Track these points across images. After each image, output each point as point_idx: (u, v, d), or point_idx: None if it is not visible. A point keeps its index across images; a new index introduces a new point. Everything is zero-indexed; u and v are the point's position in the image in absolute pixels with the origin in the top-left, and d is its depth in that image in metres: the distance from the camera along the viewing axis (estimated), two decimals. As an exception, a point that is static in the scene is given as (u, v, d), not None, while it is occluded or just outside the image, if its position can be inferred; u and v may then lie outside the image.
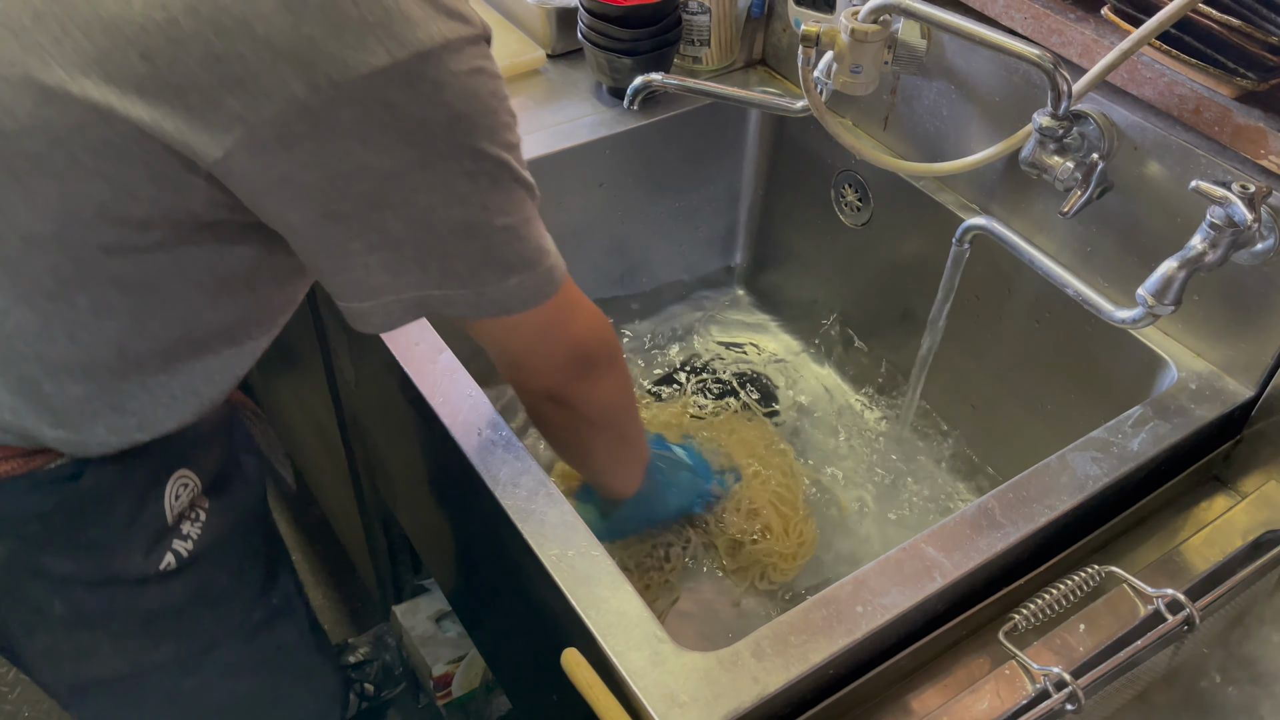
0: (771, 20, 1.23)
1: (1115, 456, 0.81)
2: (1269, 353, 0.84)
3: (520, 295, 0.67)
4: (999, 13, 0.93)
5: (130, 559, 0.77)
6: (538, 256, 0.67)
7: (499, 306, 0.67)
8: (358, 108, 0.55)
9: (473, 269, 0.64)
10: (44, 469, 0.72)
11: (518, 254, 0.65)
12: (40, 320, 0.64)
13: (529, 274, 0.66)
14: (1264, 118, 0.78)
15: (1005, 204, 1.02)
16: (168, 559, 0.79)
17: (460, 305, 0.66)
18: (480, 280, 0.65)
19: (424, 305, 0.66)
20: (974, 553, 0.74)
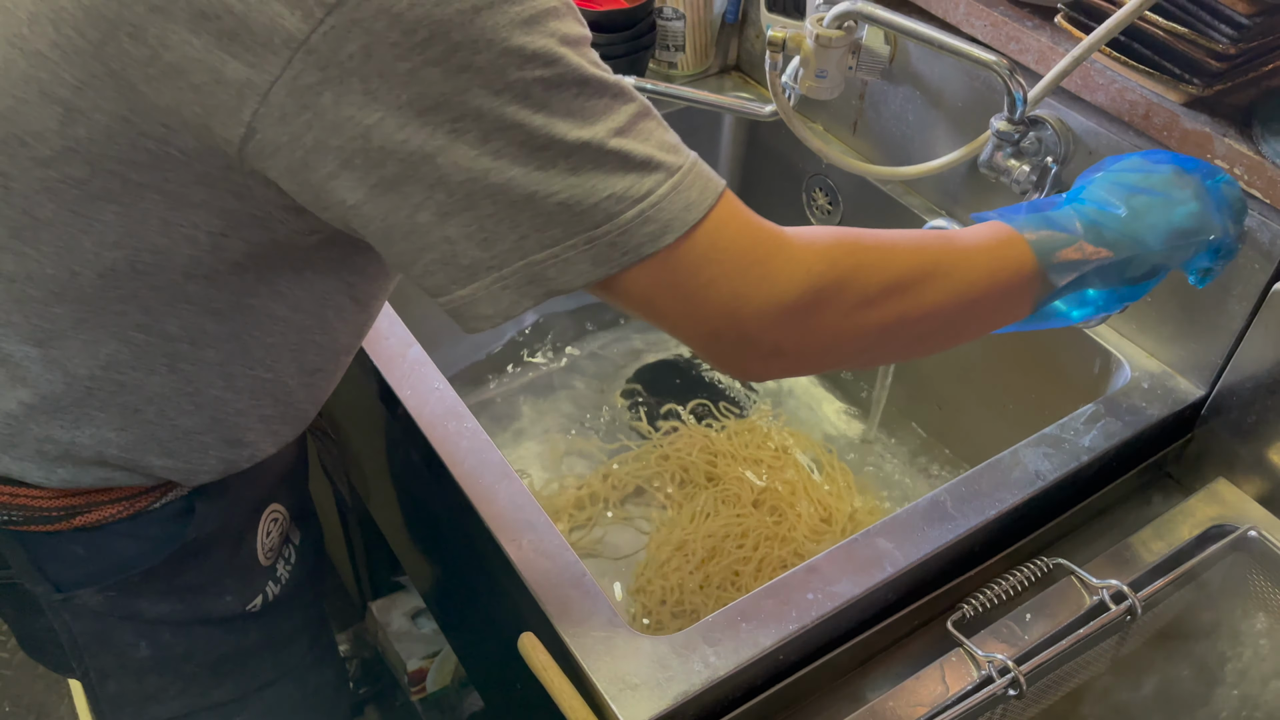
0: (745, 26, 1.25)
1: (1066, 452, 0.83)
2: (1219, 353, 0.86)
3: (644, 231, 0.52)
4: (960, 20, 0.95)
5: (222, 600, 0.77)
6: (645, 174, 0.52)
7: (624, 251, 0.52)
8: (360, 31, 0.47)
9: (566, 208, 0.51)
10: (150, 510, 0.70)
11: (618, 174, 0.51)
12: (133, 352, 0.62)
13: (645, 200, 0.52)
14: (1210, 123, 0.80)
15: (969, 207, 1.04)
16: (257, 600, 0.78)
17: (580, 264, 0.53)
18: (583, 221, 0.52)
19: (540, 281, 0.53)
20: (924, 543, 0.76)
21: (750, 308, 0.56)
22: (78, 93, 0.52)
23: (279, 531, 0.80)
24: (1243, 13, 0.76)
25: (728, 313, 0.56)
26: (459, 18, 0.48)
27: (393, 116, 0.49)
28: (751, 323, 0.56)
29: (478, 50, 0.48)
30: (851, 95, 1.12)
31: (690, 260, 0.54)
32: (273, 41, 0.47)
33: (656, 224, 0.53)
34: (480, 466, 0.79)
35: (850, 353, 0.62)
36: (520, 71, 0.49)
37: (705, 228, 0.54)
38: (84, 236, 0.57)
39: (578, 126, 0.51)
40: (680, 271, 0.54)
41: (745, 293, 0.55)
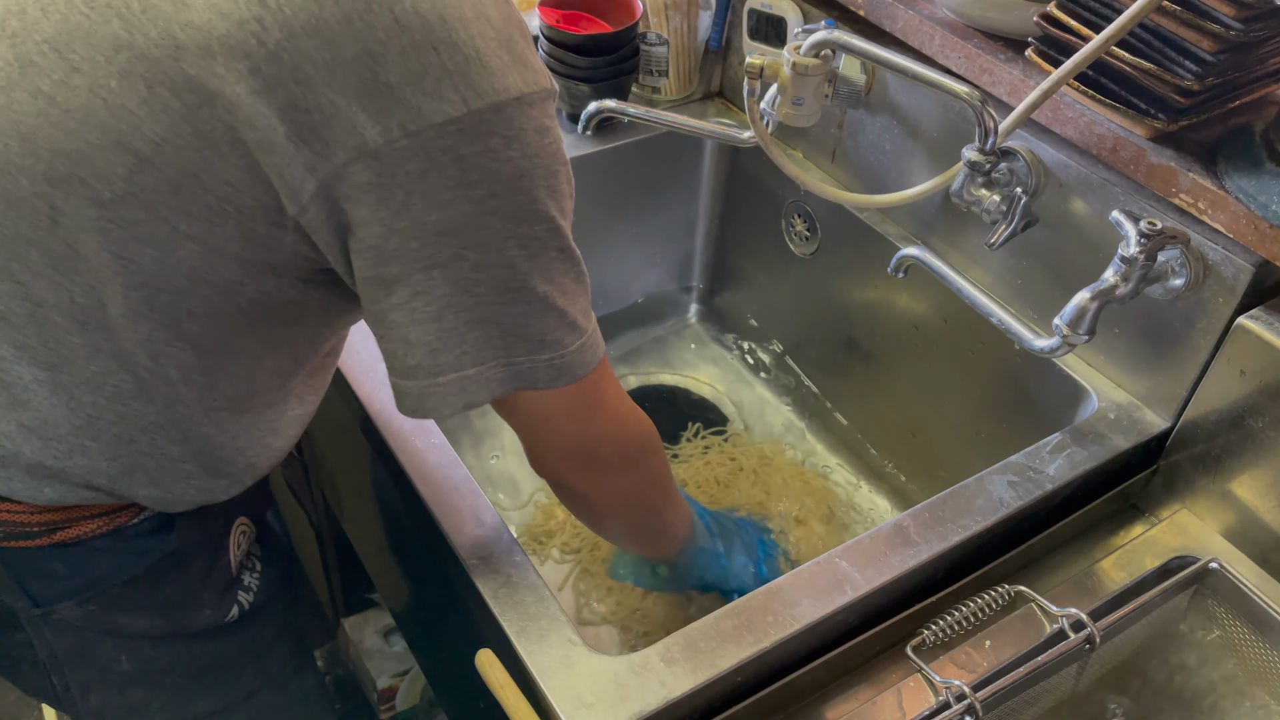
0: (729, 54, 1.26)
1: (1031, 481, 0.84)
2: (1184, 386, 0.87)
3: (546, 373, 0.64)
4: (935, 51, 0.96)
5: (200, 613, 0.78)
6: (569, 335, 0.64)
7: (523, 380, 0.64)
8: (425, 158, 0.54)
9: (507, 337, 0.62)
10: (129, 525, 0.72)
11: (552, 328, 0.63)
12: (136, 384, 0.64)
13: (558, 352, 0.64)
14: (1175, 158, 0.81)
15: (943, 236, 1.05)
16: (233, 611, 0.80)
17: (494, 386, 0.63)
18: (509, 349, 0.62)
19: (464, 393, 0.63)
20: (886, 568, 0.76)
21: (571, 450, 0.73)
22: (156, 148, 0.55)
23: (246, 543, 0.81)
24: (1207, 50, 0.77)
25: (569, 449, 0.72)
26: (507, 175, 0.57)
27: (415, 228, 0.57)
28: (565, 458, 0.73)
29: (508, 203, 0.58)
30: (830, 123, 1.13)
31: (556, 405, 0.67)
32: (346, 144, 0.54)
33: (556, 372, 0.64)
34: (446, 482, 0.80)
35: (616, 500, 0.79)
36: (529, 229, 0.59)
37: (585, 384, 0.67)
38: (118, 276, 0.60)
39: (545, 281, 0.61)
40: (545, 409, 0.68)
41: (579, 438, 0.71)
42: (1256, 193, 0.76)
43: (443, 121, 0.54)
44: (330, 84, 0.53)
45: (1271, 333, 0.78)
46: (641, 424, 0.76)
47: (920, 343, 1.10)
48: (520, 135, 0.57)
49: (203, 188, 0.56)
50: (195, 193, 0.56)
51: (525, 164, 0.57)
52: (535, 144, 0.58)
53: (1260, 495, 0.82)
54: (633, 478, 0.78)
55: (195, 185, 0.56)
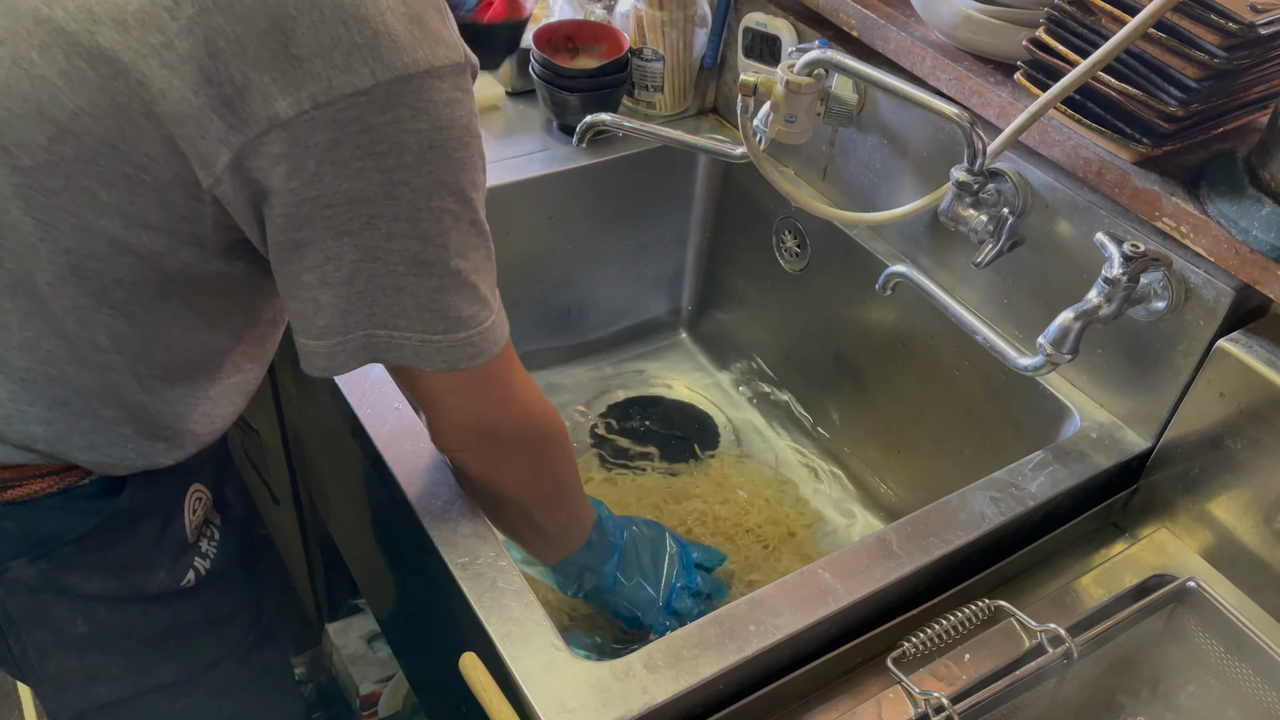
0: (724, 71, 1.28)
1: (1013, 497, 0.85)
2: (1165, 407, 0.88)
3: (465, 351, 0.66)
4: (926, 73, 0.98)
5: (155, 576, 0.78)
6: (482, 312, 0.66)
7: (443, 359, 0.65)
8: (335, 128, 0.56)
9: (422, 310, 0.63)
10: (79, 485, 0.72)
11: (467, 303, 0.64)
12: (69, 349, 0.66)
13: (474, 329, 0.65)
14: (1159, 182, 0.83)
15: (931, 255, 1.06)
16: (189, 575, 0.80)
17: (406, 351, 0.65)
18: (428, 325, 0.64)
19: (371, 349, 0.65)
20: (869, 580, 0.77)
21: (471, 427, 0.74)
22: (74, 118, 0.57)
23: (202, 509, 0.81)
24: (1192, 77, 0.79)
25: (469, 426, 0.74)
26: (417, 146, 0.58)
27: (327, 196, 0.58)
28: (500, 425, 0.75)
29: (419, 173, 0.59)
30: (822, 142, 1.15)
31: (463, 384, 0.69)
32: (259, 116, 0.56)
33: (474, 350, 0.66)
34: (433, 486, 0.80)
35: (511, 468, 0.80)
36: (441, 201, 0.60)
37: (492, 363, 0.68)
38: (42, 243, 0.61)
39: (458, 256, 0.63)
40: (450, 385, 0.69)
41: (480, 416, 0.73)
42: (1238, 218, 0.78)
43: (351, 93, 0.55)
44: (242, 57, 0.54)
45: (1251, 356, 0.79)
46: (546, 412, 0.78)
47: (907, 359, 1.11)
48: (429, 107, 0.58)
49: (121, 158, 0.58)
50: (113, 162, 0.58)
51: (435, 135, 0.58)
52: (445, 116, 0.59)
53: (1238, 516, 0.83)
54: (531, 465, 0.79)
55: (113, 155, 0.58)
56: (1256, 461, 0.81)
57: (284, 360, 1.14)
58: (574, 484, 0.86)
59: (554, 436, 0.80)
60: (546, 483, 0.82)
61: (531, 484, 0.81)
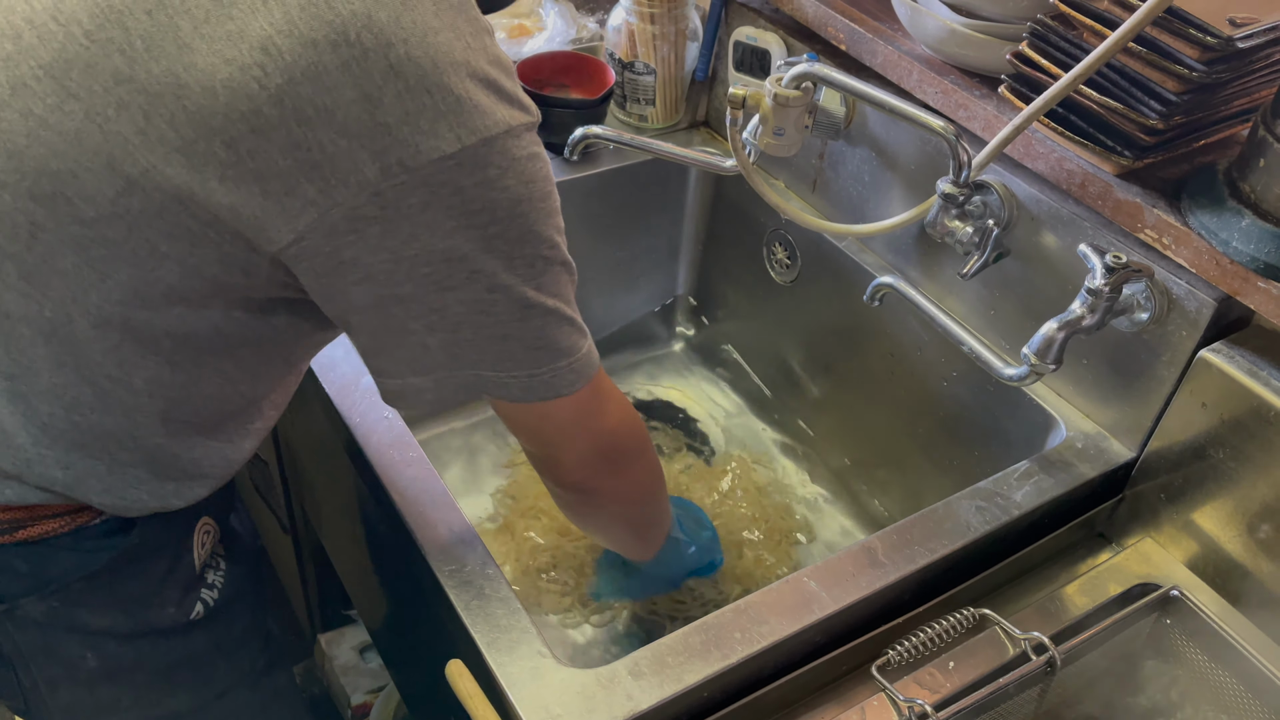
0: (715, 84, 1.29)
1: (999, 507, 0.85)
2: (1149, 417, 0.89)
3: (568, 378, 0.68)
4: (913, 86, 0.99)
5: (164, 611, 0.78)
6: (580, 339, 0.69)
7: (549, 389, 0.68)
8: (426, 191, 0.58)
9: (528, 351, 0.66)
10: (90, 525, 0.72)
11: (566, 336, 0.67)
12: (97, 396, 0.66)
13: (575, 357, 0.68)
14: (1141, 194, 0.84)
15: (919, 266, 1.07)
16: (198, 608, 0.80)
17: (513, 388, 0.67)
18: (535, 362, 0.67)
19: (477, 385, 0.67)
20: (854, 589, 0.78)
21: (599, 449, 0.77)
22: (146, 174, 0.57)
23: (210, 542, 0.82)
24: (1172, 90, 0.80)
25: (596, 449, 0.76)
26: (507, 204, 0.61)
27: (425, 255, 0.60)
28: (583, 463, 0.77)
29: (511, 228, 0.61)
30: (811, 154, 1.16)
31: (576, 408, 0.71)
32: (349, 181, 0.57)
33: (575, 375, 0.68)
34: (422, 495, 0.81)
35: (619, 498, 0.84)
36: (532, 250, 0.63)
37: (594, 381, 0.71)
38: (94, 290, 0.61)
39: (552, 296, 0.66)
40: (568, 414, 0.71)
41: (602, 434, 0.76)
42: (1218, 229, 0.79)
43: (439, 158, 0.57)
44: (330, 125, 0.55)
45: (1232, 366, 0.80)
46: (636, 413, 0.81)
47: (895, 370, 1.12)
48: (514, 164, 0.60)
49: (188, 213, 0.58)
50: (180, 217, 0.58)
51: (522, 190, 0.61)
52: (529, 170, 0.61)
53: (1221, 525, 0.84)
54: (644, 465, 0.83)
55: (181, 210, 0.58)
56: (1239, 471, 0.82)
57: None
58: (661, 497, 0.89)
59: (646, 429, 0.83)
60: (656, 477, 0.86)
61: (647, 483, 0.85)
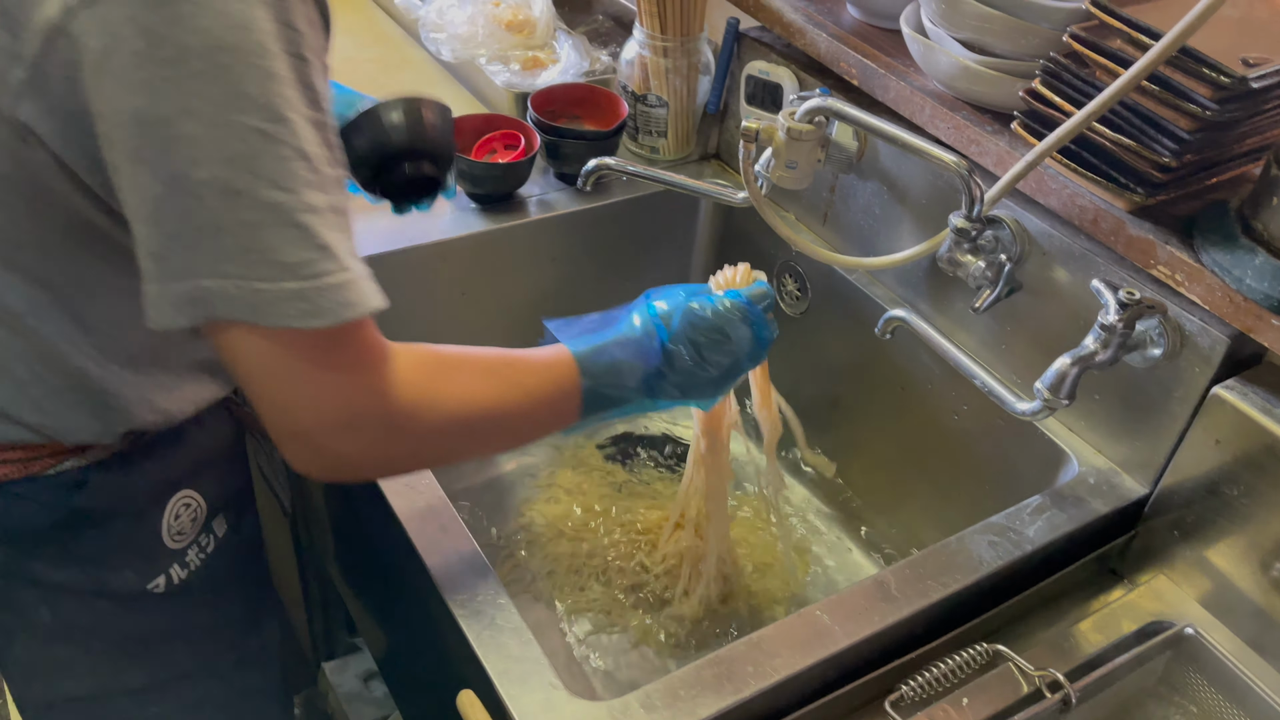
0: (726, 117, 1.30)
1: (1011, 541, 0.85)
2: (1162, 453, 0.88)
3: (298, 305, 0.56)
4: (925, 121, 1.00)
5: (121, 574, 0.78)
6: (319, 261, 0.56)
7: (277, 313, 0.56)
8: (108, 34, 0.50)
9: (244, 252, 0.55)
10: (44, 476, 0.72)
11: (294, 248, 0.55)
12: None
13: (307, 280, 0.56)
14: (1153, 230, 0.84)
15: (930, 300, 1.08)
16: (158, 581, 0.79)
17: (238, 304, 0.56)
18: (251, 267, 0.55)
19: (204, 304, 0.56)
20: (866, 623, 0.77)
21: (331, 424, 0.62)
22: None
23: (190, 517, 0.80)
24: (1184, 128, 0.80)
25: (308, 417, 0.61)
26: (202, 48, 0.51)
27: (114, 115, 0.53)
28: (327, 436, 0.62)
29: (213, 83, 0.52)
30: (822, 187, 1.16)
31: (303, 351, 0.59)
32: (33, 22, 0.52)
33: (310, 305, 0.56)
34: (433, 524, 0.81)
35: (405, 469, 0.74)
36: (244, 117, 0.53)
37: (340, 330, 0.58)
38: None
39: (274, 188, 0.55)
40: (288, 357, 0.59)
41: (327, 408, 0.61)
42: (1231, 266, 0.79)
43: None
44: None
45: (1246, 403, 0.80)
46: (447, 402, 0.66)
47: (906, 403, 1.12)
48: (211, 1, 0.51)
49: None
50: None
51: (228, 36, 0.51)
52: (239, 14, 0.51)
53: (1235, 563, 0.83)
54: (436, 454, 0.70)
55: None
56: (1253, 509, 0.81)
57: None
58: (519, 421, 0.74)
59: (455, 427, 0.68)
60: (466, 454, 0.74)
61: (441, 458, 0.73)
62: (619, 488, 1.21)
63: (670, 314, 0.80)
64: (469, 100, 1.36)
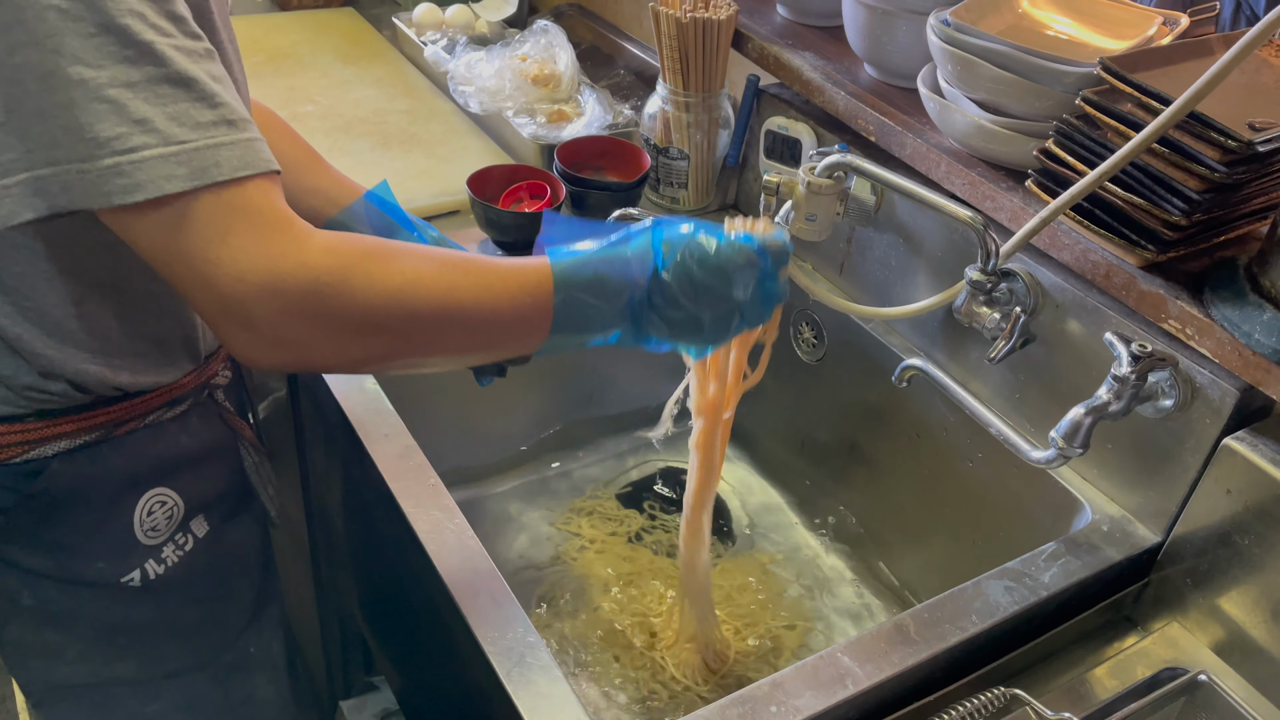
0: (745, 170, 1.34)
1: (1027, 587, 0.87)
2: (1174, 502, 0.91)
3: (116, 182, 0.56)
4: (941, 177, 1.03)
5: (92, 565, 0.80)
6: (135, 136, 0.56)
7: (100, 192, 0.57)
8: None
9: (67, 134, 0.56)
10: (10, 462, 0.75)
11: (106, 122, 0.56)
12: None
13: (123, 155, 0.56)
14: (1164, 286, 0.87)
15: (945, 350, 1.10)
16: (133, 574, 0.82)
17: (75, 192, 0.57)
18: (73, 150, 0.56)
19: (44, 194, 0.57)
20: (886, 665, 0.79)
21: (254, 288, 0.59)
22: None
23: (166, 515, 0.82)
24: (1194, 189, 0.83)
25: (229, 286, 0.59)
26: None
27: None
28: (255, 304, 0.59)
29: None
30: (840, 239, 1.20)
31: (186, 225, 0.58)
32: None
33: (128, 180, 0.57)
34: (463, 560, 0.83)
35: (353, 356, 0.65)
36: None
37: (204, 199, 0.58)
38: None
39: (82, 65, 0.55)
40: (172, 235, 0.58)
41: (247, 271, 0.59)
42: (1240, 321, 0.82)
43: None
44: None
45: (1257, 455, 0.82)
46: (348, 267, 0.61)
47: (921, 450, 1.14)
48: None
49: None
50: None
51: None
52: None
53: (1247, 612, 0.85)
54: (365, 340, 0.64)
55: None
56: (1265, 558, 0.83)
57: (315, 436, 1.17)
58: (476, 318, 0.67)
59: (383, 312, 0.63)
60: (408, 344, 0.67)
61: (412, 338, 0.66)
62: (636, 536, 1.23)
63: (672, 242, 0.73)
64: (495, 152, 1.40)
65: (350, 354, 0.65)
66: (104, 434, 0.79)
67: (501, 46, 1.47)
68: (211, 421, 0.88)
